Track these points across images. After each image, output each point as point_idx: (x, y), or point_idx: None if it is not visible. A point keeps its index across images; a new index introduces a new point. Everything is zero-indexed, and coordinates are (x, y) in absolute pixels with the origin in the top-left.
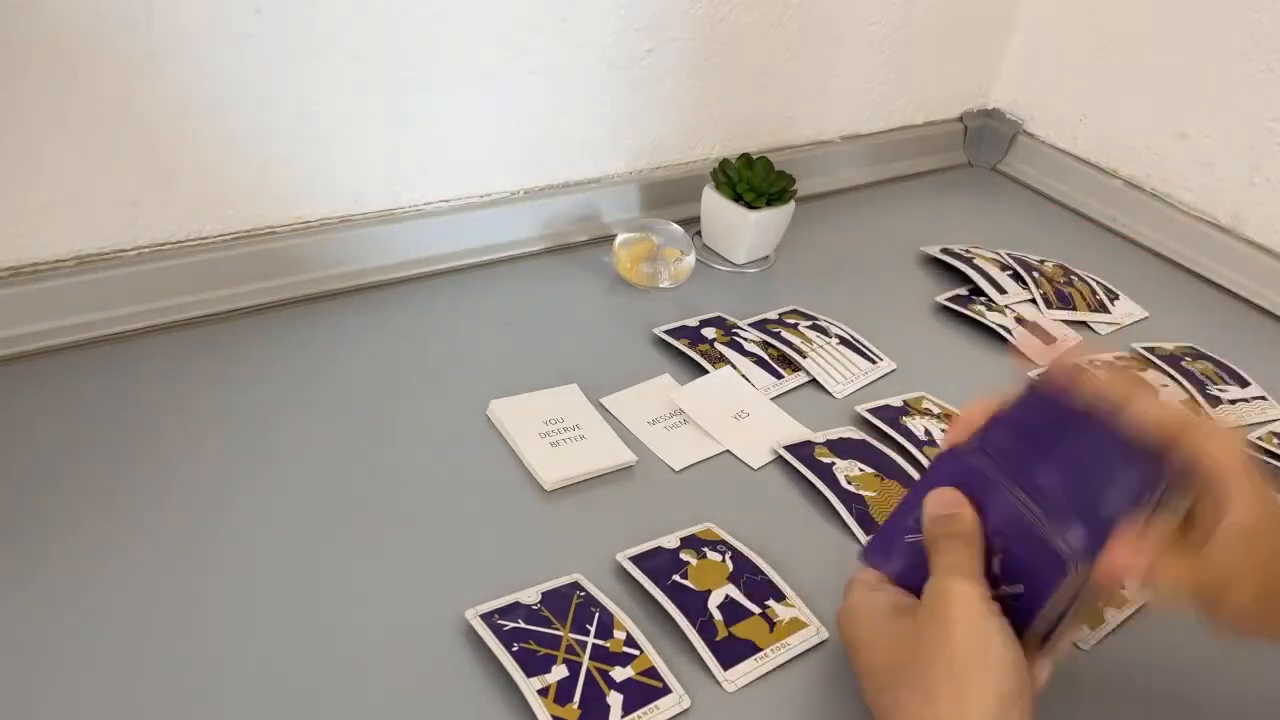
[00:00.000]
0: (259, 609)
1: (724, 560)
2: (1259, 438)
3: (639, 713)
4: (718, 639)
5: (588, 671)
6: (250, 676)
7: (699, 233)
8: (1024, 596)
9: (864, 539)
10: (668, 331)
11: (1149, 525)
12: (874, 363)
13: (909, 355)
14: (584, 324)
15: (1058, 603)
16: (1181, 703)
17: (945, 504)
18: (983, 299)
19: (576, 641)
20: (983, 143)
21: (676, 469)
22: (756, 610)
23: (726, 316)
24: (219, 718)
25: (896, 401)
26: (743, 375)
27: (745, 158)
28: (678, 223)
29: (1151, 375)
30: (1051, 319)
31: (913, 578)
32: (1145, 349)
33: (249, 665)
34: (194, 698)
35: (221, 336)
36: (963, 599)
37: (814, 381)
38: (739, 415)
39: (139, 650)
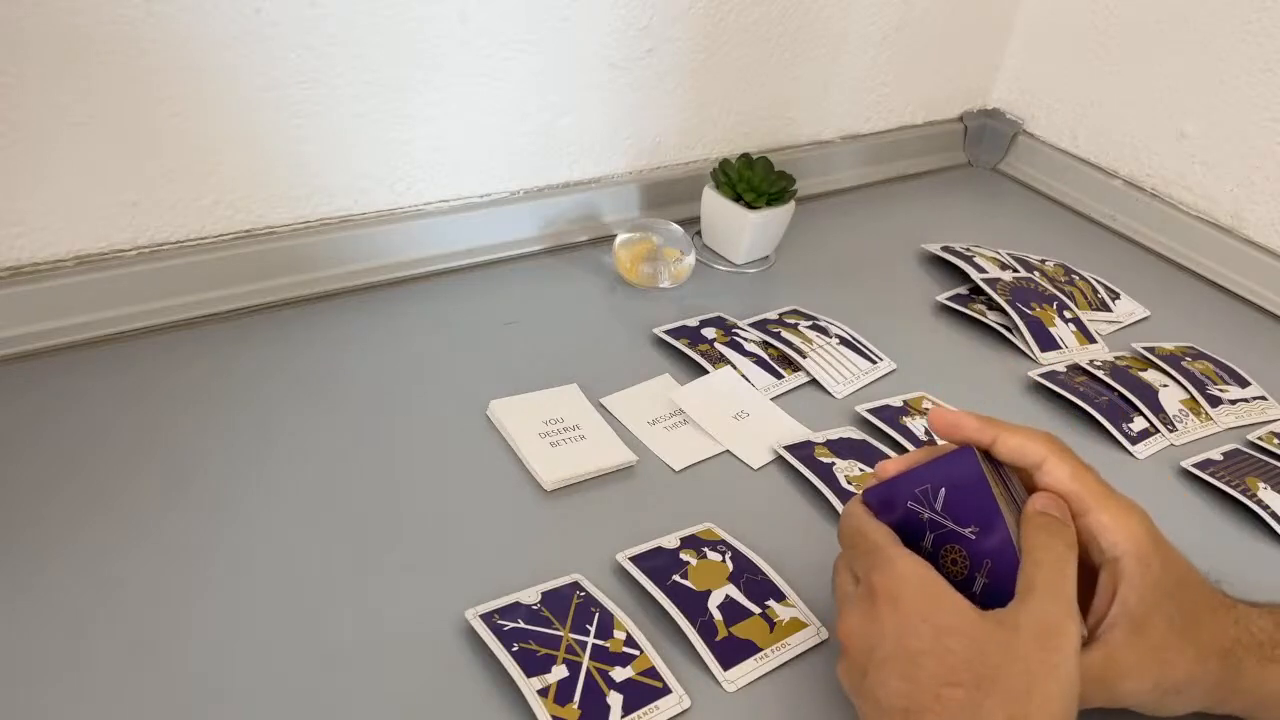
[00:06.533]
0: (258, 609)
1: (724, 560)
2: (1259, 438)
3: (639, 713)
4: (718, 639)
5: (588, 671)
6: (250, 676)
7: (699, 233)
8: None
9: None
10: (668, 331)
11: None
12: (874, 363)
13: (909, 355)
14: (584, 324)
15: None
16: None
17: (1057, 507)
18: (983, 298)
19: (576, 641)
20: (983, 143)
21: (676, 469)
22: (756, 610)
23: (726, 316)
24: (219, 716)
25: (896, 401)
26: (743, 375)
27: (745, 158)
28: (678, 223)
29: (1151, 375)
30: None
31: (900, 536)
32: (1145, 349)
33: (249, 664)
34: (193, 696)
35: (222, 337)
36: (1074, 650)
37: (814, 381)
38: (739, 415)
39: (138, 650)
